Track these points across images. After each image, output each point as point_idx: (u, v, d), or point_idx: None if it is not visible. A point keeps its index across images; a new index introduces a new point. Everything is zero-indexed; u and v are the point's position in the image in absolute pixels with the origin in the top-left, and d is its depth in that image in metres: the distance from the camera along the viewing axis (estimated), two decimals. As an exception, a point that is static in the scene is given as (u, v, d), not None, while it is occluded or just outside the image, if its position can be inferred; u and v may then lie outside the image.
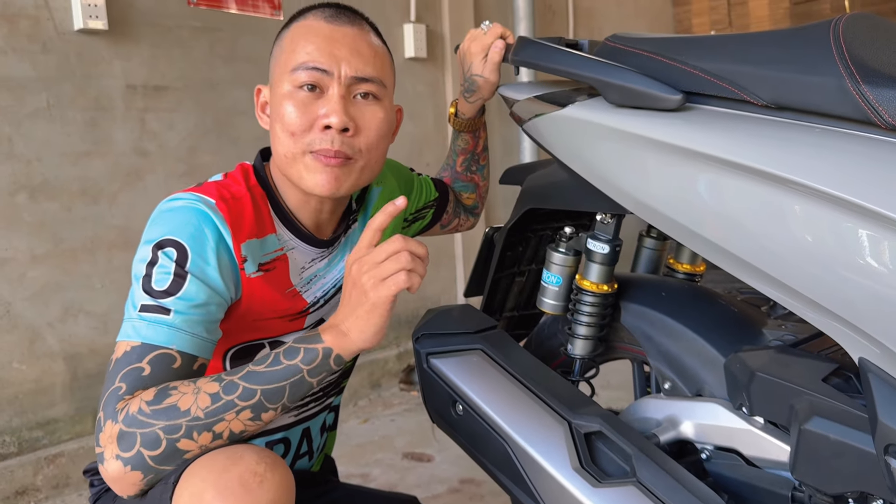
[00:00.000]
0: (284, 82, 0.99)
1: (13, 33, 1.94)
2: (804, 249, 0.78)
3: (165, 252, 0.91)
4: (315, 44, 0.98)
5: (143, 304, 0.89)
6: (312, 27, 1.00)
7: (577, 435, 1.02)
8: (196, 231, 0.93)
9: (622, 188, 0.98)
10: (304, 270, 1.07)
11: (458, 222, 1.44)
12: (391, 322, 3.21)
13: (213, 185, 0.99)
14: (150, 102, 2.20)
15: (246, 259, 0.98)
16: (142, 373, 0.86)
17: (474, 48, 1.21)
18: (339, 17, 1.01)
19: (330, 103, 0.97)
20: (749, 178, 0.82)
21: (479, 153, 1.38)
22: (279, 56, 1.02)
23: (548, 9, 3.58)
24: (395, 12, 2.87)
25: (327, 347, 0.88)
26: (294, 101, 0.97)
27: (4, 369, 1.97)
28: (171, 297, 0.89)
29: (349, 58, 0.99)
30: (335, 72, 0.98)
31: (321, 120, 0.97)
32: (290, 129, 0.97)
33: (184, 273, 0.90)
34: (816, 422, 0.84)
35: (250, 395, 0.85)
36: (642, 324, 1.15)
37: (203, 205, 0.95)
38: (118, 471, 0.82)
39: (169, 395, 0.83)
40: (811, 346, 0.99)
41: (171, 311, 0.89)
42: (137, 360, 0.87)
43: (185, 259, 0.91)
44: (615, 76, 0.95)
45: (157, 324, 0.88)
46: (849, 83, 0.77)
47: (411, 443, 2.33)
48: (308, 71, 0.97)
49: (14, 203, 1.96)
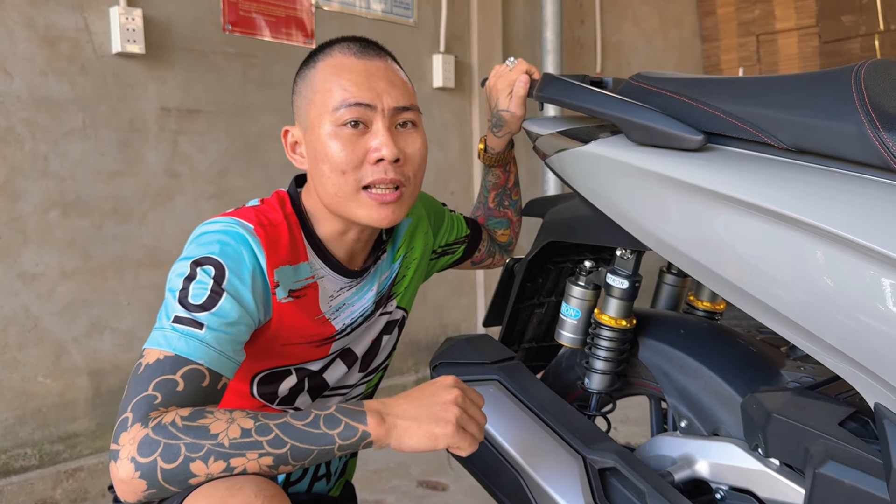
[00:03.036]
0: (325, 122, 0.99)
1: (54, 55, 2.01)
2: (821, 293, 0.78)
3: (204, 269, 0.93)
4: (352, 80, 0.99)
5: (177, 315, 0.90)
6: (344, 64, 1.01)
7: (592, 470, 1.02)
8: (234, 252, 0.95)
9: (642, 225, 0.99)
10: (332, 299, 1.08)
11: (491, 261, 1.44)
12: (409, 347, 3.22)
13: (251, 210, 1.02)
14: (182, 125, 2.25)
15: (278, 284, 0.99)
16: (176, 386, 0.86)
17: (500, 84, 1.23)
18: (368, 52, 1.03)
19: (379, 137, 0.99)
20: (768, 221, 0.82)
21: (510, 188, 1.39)
22: (312, 96, 1.02)
23: (576, 42, 3.61)
24: (424, 43, 2.92)
25: (367, 432, 0.86)
26: (340, 139, 0.98)
27: (30, 382, 2.00)
28: (206, 313, 0.90)
29: (388, 89, 1.00)
30: (378, 105, 0.99)
31: (372, 154, 0.99)
32: (341, 168, 0.99)
33: (220, 290, 0.92)
34: (831, 466, 0.84)
35: (280, 445, 0.84)
36: (660, 360, 1.15)
37: (242, 228, 0.97)
38: (128, 473, 0.82)
39: (204, 417, 0.84)
40: (829, 388, 0.99)
41: (204, 327, 0.90)
42: (171, 371, 0.87)
43: (223, 277, 0.93)
44: (638, 115, 0.97)
45: (189, 336, 0.89)
46: (869, 130, 0.77)
47: (427, 471, 2.33)
48: (351, 108, 0.98)
49: (46, 219, 2.01)
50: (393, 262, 1.18)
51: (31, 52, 1.97)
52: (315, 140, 1.00)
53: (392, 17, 2.79)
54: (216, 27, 2.31)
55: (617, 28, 3.85)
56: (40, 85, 1.99)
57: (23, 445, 2.00)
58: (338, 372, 1.14)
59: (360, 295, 1.12)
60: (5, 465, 1.97)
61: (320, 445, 0.85)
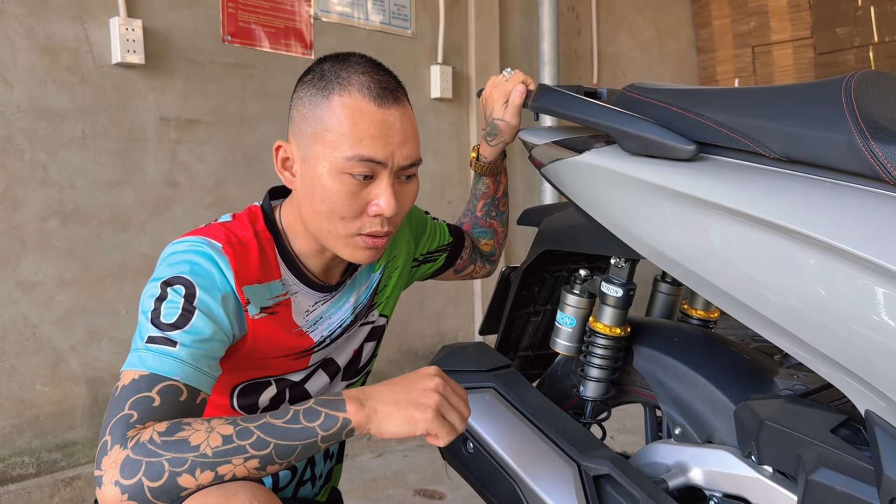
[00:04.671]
0: (330, 162, 0.97)
1: (54, 65, 2.02)
2: (813, 302, 0.79)
3: (174, 288, 0.94)
4: (369, 132, 0.97)
5: (150, 335, 0.91)
6: (363, 111, 0.97)
7: (586, 477, 1.03)
8: (203, 271, 0.96)
9: (635, 234, 1.00)
10: (308, 313, 1.09)
11: (473, 269, 1.44)
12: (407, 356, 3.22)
13: (220, 227, 1.01)
14: (181, 135, 2.27)
15: (249, 301, 1.00)
16: (152, 403, 0.87)
17: (496, 94, 1.24)
18: (386, 97, 0.99)
19: (383, 194, 0.98)
20: (759, 230, 0.83)
21: (499, 198, 1.40)
22: (321, 132, 0.98)
23: (573, 53, 3.64)
24: (422, 54, 2.94)
25: (347, 419, 0.87)
26: (344, 187, 0.97)
27: (27, 391, 2.01)
28: (179, 331, 0.91)
29: (401, 146, 0.99)
30: (389, 163, 0.98)
31: (373, 207, 0.99)
32: (340, 214, 0.99)
33: (192, 308, 0.93)
34: (823, 473, 0.85)
35: (263, 446, 0.84)
36: (654, 368, 1.16)
37: (210, 248, 0.97)
38: (114, 497, 0.82)
39: (182, 430, 0.84)
40: (822, 396, 1.00)
41: (178, 344, 0.90)
42: (146, 389, 0.87)
43: (194, 295, 0.93)
44: (631, 125, 0.98)
45: (163, 355, 0.89)
46: (858, 140, 0.79)
47: (423, 479, 2.33)
48: (364, 162, 0.97)
49: (45, 228, 2.02)
50: (373, 271, 1.19)
51: (31, 61, 1.98)
52: (314, 175, 0.99)
53: (390, 29, 2.82)
54: (215, 38, 2.33)
55: (613, 39, 3.88)
56: (40, 95, 2.00)
57: (20, 454, 2.00)
58: (319, 382, 1.14)
59: (336, 307, 1.13)
60: (3, 474, 1.97)
61: (303, 440, 0.85)
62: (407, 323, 2.95)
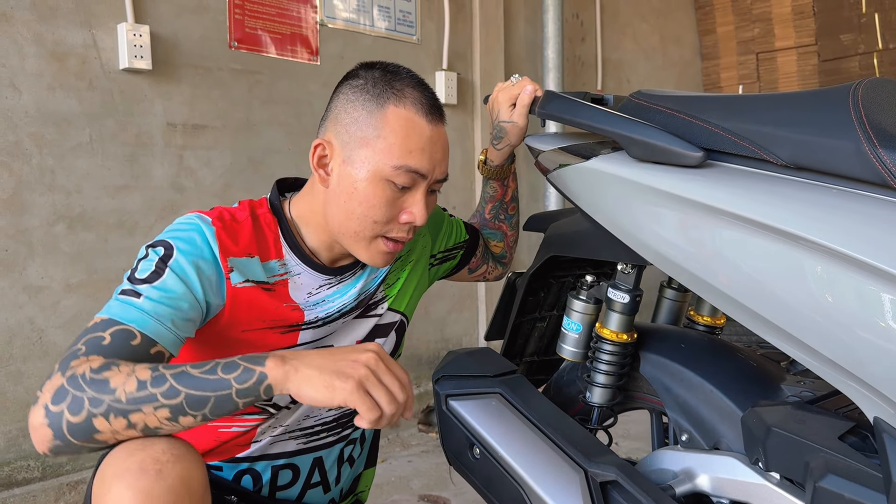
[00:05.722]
0: (375, 168, 1.03)
1: (62, 71, 2.03)
2: (820, 309, 0.79)
3: (155, 250, 1.00)
4: (420, 146, 1.04)
5: (122, 289, 0.96)
6: (417, 125, 1.04)
7: (593, 483, 1.03)
8: (187, 237, 1.01)
9: (642, 240, 1.00)
10: (311, 295, 1.11)
11: (486, 269, 1.46)
12: (411, 361, 3.22)
13: (218, 208, 1.08)
14: (188, 140, 2.28)
15: (232, 269, 1.03)
16: (102, 341, 0.89)
17: (502, 97, 1.25)
18: (436, 115, 1.07)
19: (417, 205, 1.05)
20: (766, 236, 0.83)
21: (507, 202, 1.41)
22: (373, 139, 1.03)
23: (577, 60, 3.65)
24: (427, 60, 2.95)
25: (263, 373, 0.85)
26: (385, 193, 1.03)
27: (34, 395, 2.00)
28: (147, 285, 0.95)
29: (441, 161, 1.07)
30: (430, 176, 1.06)
31: (405, 216, 1.06)
32: (374, 218, 1.04)
33: (164, 267, 0.97)
34: (831, 480, 0.84)
35: (174, 395, 0.83)
36: (661, 375, 1.16)
37: (198, 219, 1.04)
38: (39, 421, 0.84)
39: (108, 369, 0.84)
40: (829, 403, 1.00)
41: (142, 296, 0.94)
42: (101, 330, 0.91)
43: (170, 256, 0.98)
44: (638, 132, 0.98)
45: (126, 304, 0.93)
46: (866, 147, 0.79)
47: (428, 485, 2.33)
48: (411, 174, 1.03)
49: (52, 233, 2.03)
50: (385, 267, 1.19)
51: (39, 67, 1.99)
52: (356, 177, 1.04)
53: (396, 35, 2.83)
54: (222, 44, 2.34)
55: (617, 46, 3.88)
56: (48, 100, 2.01)
57: (26, 458, 2.00)
58: None
59: (342, 292, 1.14)
60: (8, 478, 1.97)
61: (216, 391, 0.84)
62: (411, 328, 2.93)
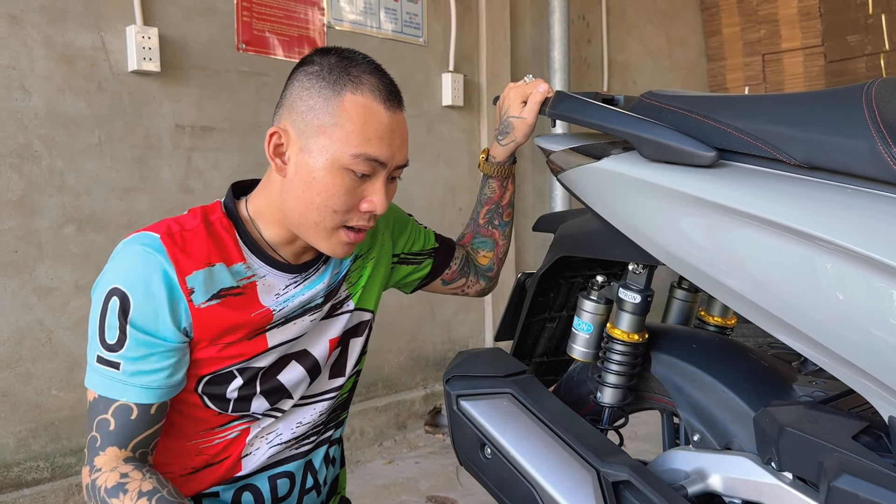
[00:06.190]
0: (333, 157, 1.00)
1: (71, 73, 2.04)
2: (835, 307, 0.79)
3: (112, 302, 0.99)
4: (378, 134, 1.01)
5: (98, 354, 0.99)
6: (374, 112, 1.01)
7: (606, 484, 1.03)
8: (140, 275, 0.99)
9: (654, 240, 1.00)
10: (279, 295, 1.09)
11: (465, 283, 1.40)
12: (418, 363, 3.23)
13: (167, 220, 1.05)
14: (196, 142, 2.28)
15: (193, 290, 1.01)
16: (109, 426, 0.99)
17: (514, 94, 1.25)
18: (394, 101, 1.04)
19: (377, 193, 1.03)
20: (780, 235, 0.84)
21: (503, 206, 1.37)
22: (330, 127, 1.00)
23: (583, 61, 3.65)
24: (434, 62, 2.95)
25: None
26: (344, 183, 1.01)
27: (43, 396, 2.02)
28: (118, 353, 0.98)
29: (400, 148, 1.05)
30: (389, 164, 1.03)
31: (366, 204, 1.03)
32: (333, 208, 1.02)
33: (125, 327, 0.98)
34: (846, 479, 0.84)
35: None
36: (672, 375, 1.16)
37: (148, 242, 1.00)
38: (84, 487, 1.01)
39: (116, 497, 0.95)
40: (841, 403, 0.99)
41: (120, 366, 0.99)
42: (104, 410, 0.99)
43: (128, 310, 0.98)
44: (651, 132, 0.99)
45: (109, 378, 0.99)
46: (880, 146, 0.79)
47: (435, 486, 2.33)
48: (370, 162, 1.01)
49: (62, 234, 2.04)
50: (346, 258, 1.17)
51: (49, 69, 2.00)
52: (313, 167, 1.01)
53: (402, 37, 2.83)
54: (230, 46, 2.35)
55: (623, 47, 3.89)
56: (58, 102, 2.02)
57: (35, 458, 2.01)
58: (294, 374, 1.12)
59: (309, 288, 1.12)
60: (18, 478, 1.98)
61: None
62: (418, 329, 2.95)
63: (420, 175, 2.88)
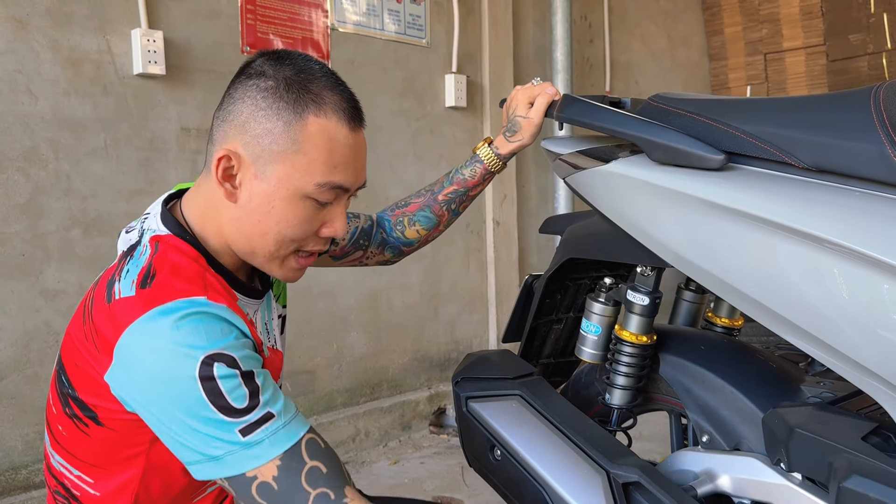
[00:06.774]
0: (294, 185, 0.91)
1: (77, 76, 2.05)
2: (844, 309, 0.80)
3: (214, 368, 0.83)
4: (344, 160, 0.93)
5: (240, 429, 0.83)
6: (340, 136, 0.92)
7: (615, 485, 1.04)
8: (220, 331, 0.86)
9: (662, 242, 1.01)
10: (258, 326, 1.04)
11: (362, 255, 1.31)
12: (422, 364, 3.24)
13: (168, 278, 0.88)
14: (202, 145, 2.29)
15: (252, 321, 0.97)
16: (321, 471, 0.86)
17: (521, 95, 1.26)
18: (356, 119, 0.95)
19: (339, 219, 0.96)
20: (789, 238, 0.84)
21: (469, 196, 1.34)
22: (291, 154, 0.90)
23: (586, 62, 3.65)
24: (437, 63, 2.96)
25: None
26: (304, 212, 0.93)
27: (50, 398, 2.02)
28: (259, 404, 0.85)
29: (363, 169, 0.97)
30: (353, 188, 0.96)
31: (326, 230, 0.96)
32: (291, 237, 0.93)
33: (247, 373, 0.85)
34: (856, 480, 0.85)
35: None
36: (681, 376, 1.17)
37: (201, 308, 0.86)
38: None
39: None
40: (850, 404, 1.00)
41: (271, 413, 0.85)
42: (300, 462, 0.85)
43: (235, 362, 0.85)
44: (659, 135, 0.99)
45: (273, 432, 0.85)
46: (889, 149, 0.79)
47: (441, 487, 2.33)
48: (334, 189, 0.93)
49: (68, 237, 2.04)
50: None
51: (55, 73, 2.01)
52: (271, 196, 0.91)
53: (406, 39, 2.84)
54: (234, 49, 2.35)
55: (626, 47, 3.89)
56: (64, 106, 2.03)
57: (41, 461, 2.01)
58: None
59: (268, 307, 1.08)
60: (26, 480, 1.98)
61: None
62: (421, 330, 2.95)
63: (423, 176, 2.88)
